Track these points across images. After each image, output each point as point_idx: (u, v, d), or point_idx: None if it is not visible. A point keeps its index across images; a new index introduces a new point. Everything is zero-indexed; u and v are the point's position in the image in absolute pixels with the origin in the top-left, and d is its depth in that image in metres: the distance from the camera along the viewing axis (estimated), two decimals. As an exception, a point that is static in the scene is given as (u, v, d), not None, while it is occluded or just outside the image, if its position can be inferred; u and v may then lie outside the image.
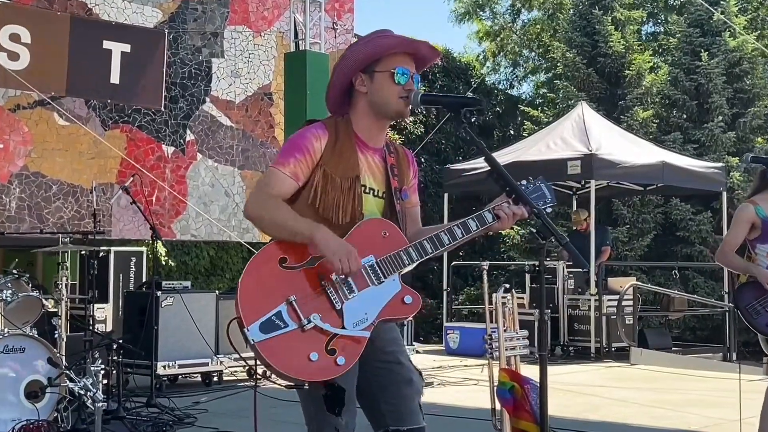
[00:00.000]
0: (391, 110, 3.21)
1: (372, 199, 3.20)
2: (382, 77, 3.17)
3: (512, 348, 4.94)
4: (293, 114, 12.94)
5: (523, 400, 3.89)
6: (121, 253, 10.74)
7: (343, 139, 3.16)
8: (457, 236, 3.15)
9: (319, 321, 2.95)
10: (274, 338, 2.90)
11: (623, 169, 12.81)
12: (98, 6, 13.00)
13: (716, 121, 18.26)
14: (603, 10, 19.80)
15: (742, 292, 5.49)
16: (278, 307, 2.93)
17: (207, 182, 14.47)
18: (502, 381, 4.17)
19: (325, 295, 3.00)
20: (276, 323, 2.92)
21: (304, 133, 3.15)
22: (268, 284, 2.95)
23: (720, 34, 18.99)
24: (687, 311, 14.48)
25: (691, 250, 17.83)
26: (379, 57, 3.17)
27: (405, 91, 3.16)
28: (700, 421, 7.41)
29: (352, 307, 3.01)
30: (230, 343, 3.12)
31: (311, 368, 2.94)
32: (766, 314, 5.37)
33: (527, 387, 3.94)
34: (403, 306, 3.11)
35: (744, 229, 5.45)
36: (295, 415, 7.77)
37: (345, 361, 2.97)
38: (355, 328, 3.00)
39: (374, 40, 3.21)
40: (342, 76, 3.21)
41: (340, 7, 15.85)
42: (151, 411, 7.29)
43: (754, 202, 5.49)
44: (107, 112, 13.14)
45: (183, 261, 16.80)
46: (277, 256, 2.99)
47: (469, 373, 10.24)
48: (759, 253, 5.45)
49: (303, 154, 3.10)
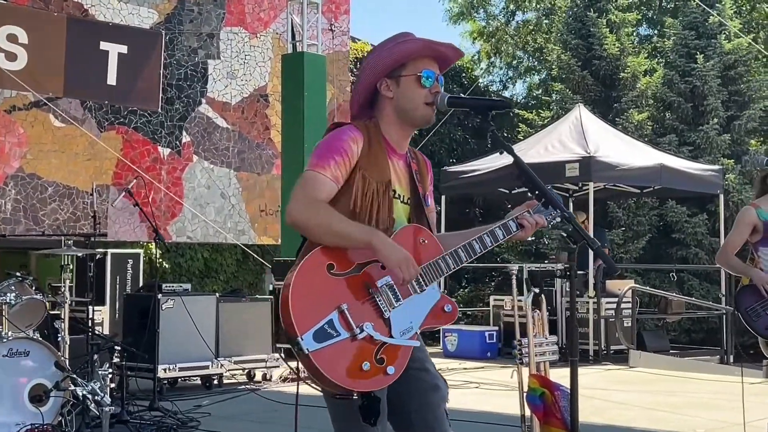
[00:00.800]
0: (417, 116, 3.17)
1: (400, 205, 3.17)
2: (408, 81, 3.13)
3: (542, 354, 4.89)
4: (291, 116, 12.90)
5: (554, 406, 3.86)
6: (118, 255, 10.66)
7: (375, 144, 3.12)
8: (487, 245, 3.14)
9: (372, 330, 2.90)
10: (327, 347, 2.83)
11: (621, 172, 12.82)
12: (94, 7, 12.94)
13: (711, 123, 18.29)
14: (598, 12, 19.81)
15: (742, 295, 5.50)
16: (330, 315, 2.86)
17: (203, 184, 14.42)
18: (532, 387, 4.14)
19: (373, 303, 2.95)
20: (328, 332, 2.84)
21: (341, 135, 3.08)
22: (319, 292, 2.88)
23: (715, 37, 19.03)
24: (685, 314, 14.48)
25: (687, 252, 17.85)
26: (405, 61, 3.14)
27: (431, 94, 3.14)
28: (703, 424, 7.40)
29: (398, 316, 2.98)
30: (278, 351, 3.05)
31: (363, 378, 2.89)
32: (766, 317, 5.37)
33: (557, 393, 3.90)
34: (444, 314, 3.10)
35: (745, 231, 5.48)
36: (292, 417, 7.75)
37: (394, 371, 2.93)
38: (402, 336, 2.97)
39: (400, 44, 3.16)
40: (367, 81, 3.17)
41: (335, 9, 15.82)
42: (154, 415, 7.24)
43: (756, 205, 5.51)
44: (103, 113, 13.08)
45: (177, 263, 16.73)
46: (324, 263, 2.92)
47: (469, 375, 10.22)
48: (762, 256, 5.47)
49: (342, 157, 3.04)
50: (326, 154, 3.05)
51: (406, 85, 3.14)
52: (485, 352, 12.13)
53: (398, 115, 3.17)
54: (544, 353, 4.92)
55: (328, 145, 3.08)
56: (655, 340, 13.36)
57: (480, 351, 12.05)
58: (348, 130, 3.11)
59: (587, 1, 20.22)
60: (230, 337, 9.27)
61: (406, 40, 3.18)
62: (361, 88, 3.20)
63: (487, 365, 11.35)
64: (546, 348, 4.94)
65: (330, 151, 3.06)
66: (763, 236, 5.43)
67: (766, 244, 5.44)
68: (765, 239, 5.44)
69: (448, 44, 3.21)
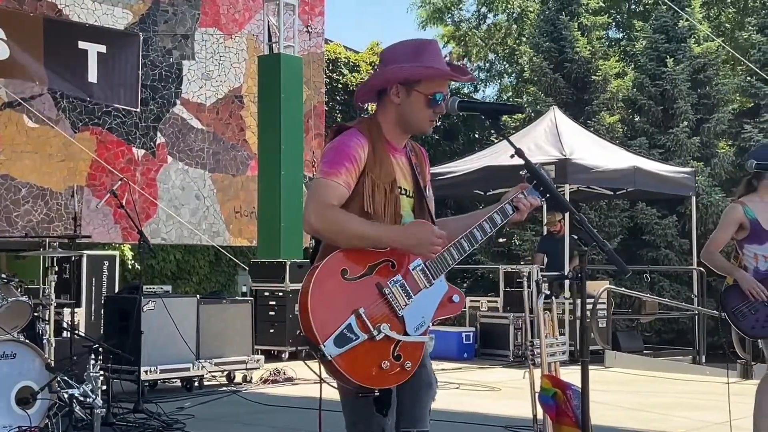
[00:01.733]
0: (416, 128, 3.29)
1: (405, 199, 3.26)
2: (418, 98, 3.20)
3: (552, 354, 4.94)
4: (267, 117, 12.89)
5: (566, 405, 3.90)
6: (94, 257, 10.55)
7: (378, 146, 3.20)
8: (487, 231, 3.25)
9: (389, 330, 3.00)
10: (348, 351, 2.93)
11: (596, 174, 12.95)
12: (68, 7, 12.85)
13: (681, 126, 18.51)
14: (569, 15, 19.97)
15: (728, 295, 5.55)
16: (348, 320, 2.95)
17: (177, 185, 14.36)
18: (544, 387, 4.18)
19: (387, 302, 3.03)
20: (348, 336, 2.94)
21: (348, 142, 3.16)
22: (335, 298, 2.96)
23: (685, 41, 19.25)
24: (658, 314, 14.63)
25: (657, 253, 18.05)
26: (423, 78, 3.20)
27: (435, 114, 3.24)
28: (686, 424, 7.48)
29: (411, 312, 3.06)
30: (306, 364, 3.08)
31: (385, 376, 2.99)
32: (752, 316, 5.43)
33: (569, 393, 3.94)
34: (452, 305, 3.20)
35: (731, 229, 5.54)
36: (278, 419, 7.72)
37: (411, 365, 3.04)
38: (416, 332, 3.06)
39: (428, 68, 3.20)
40: (383, 81, 3.24)
41: (310, 11, 15.81)
42: (138, 417, 7.20)
43: (742, 203, 5.56)
44: (77, 114, 12.98)
45: (149, 264, 16.63)
46: (338, 269, 2.99)
47: (447, 376, 10.24)
48: (746, 254, 5.54)
49: (352, 163, 3.12)
50: (337, 161, 3.13)
51: (416, 100, 3.21)
52: (462, 352, 12.17)
53: (399, 121, 3.26)
54: (555, 353, 4.96)
55: (338, 152, 3.15)
56: (629, 341, 13.50)
57: (457, 352, 12.09)
58: (353, 136, 3.18)
59: (559, 4, 20.39)
60: (211, 339, 9.23)
61: (434, 67, 3.22)
62: (373, 85, 3.28)
63: (465, 366, 11.40)
64: (556, 348, 4.97)
65: (340, 157, 3.13)
66: (749, 234, 5.49)
67: (751, 242, 5.50)
68: (750, 237, 5.50)
69: (469, 75, 3.32)
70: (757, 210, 5.52)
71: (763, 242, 5.48)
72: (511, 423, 7.04)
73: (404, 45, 3.27)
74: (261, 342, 10.91)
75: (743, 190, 5.71)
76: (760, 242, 5.49)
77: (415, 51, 3.23)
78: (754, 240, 5.50)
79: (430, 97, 3.19)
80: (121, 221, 13.17)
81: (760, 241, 5.49)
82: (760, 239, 5.49)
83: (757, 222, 5.49)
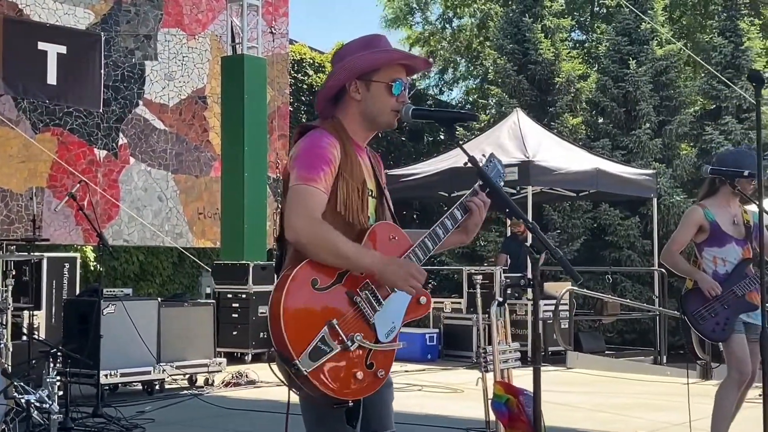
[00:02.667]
0: (382, 121, 3.20)
1: (371, 200, 3.21)
2: (379, 87, 3.15)
3: (505, 361, 4.94)
4: (230, 118, 12.83)
5: (519, 411, 3.92)
6: (54, 260, 10.44)
7: (347, 146, 3.14)
8: (449, 228, 3.22)
9: (361, 339, 2.93)
10: (322, 364, 2.85)
11: (559, 176, 13.03)
12: (29, 7, 12.72)
13: (644, 128, 18.67)
14: (533, 17, 20.07)
15: (688, 298, 5.57)
16: (321, 332, 2.87)
17: (140, 186, 14.26)
18: (497, 394, 4.18)
19: (358, 311, 2.97)
20: (322, 349, 2.85)
21: (320, 143, 3.08)
22: (307, 310, 2.88)
23: (647, 43, 19.41)
24: (620, 315, 14.74)
25: (620, 254, 18.18)
26: (379, 67, 3.16)
27: (399, 103, 3.17)
28: (645, 425, 7.54)
29: (381, 319, 3.01)
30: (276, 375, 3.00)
31: (360, 386, 2.93)
32: (711, 320, 5.46)
33: (522, 398, 3.96)
34: (419, 307, 3.15)
35: (692, 231, 5.57)
36: (240, 423, 7.69)
37: (384, 373, 2.98)
38: (387, 338, 3.01)
39: (379, 54, 3.17)
40: (339, 81, 3.17)
41: (274, 11, 15.76)
42: (97, 421, 7.15)
43: (703, 205, 5.59)
44: (38, 114, 12.86)
45: (112, 266, 16.49)
46: (309, 279, 2.91)
47: (411, 378, 10.26)
48: (705, 257, 5.56)
49: (329, 165, 3.04)
50: (314, 165, 3.04)
51: (377, 90, 3.15)
52: (426, 354, 12.19)
53: (363, 118, 3.19)
54: (507, 360, 4.97)
55: (313, 154, 3.06)
56: (591, 341, 13.59)
57: (421, 353, 12.11)
58: (324, 136, 3.10)
59: (522, 6, 20.48)
60: (172, 342, 9.18)
61: (387, 50, 3.20)
62: (332, 86, 3.19)
63: (428, 367, 11.42)
64: (509, 355, 4.99)
65: (317, 160, 3.04)
66: (709, 236, 5.53)
67: (710, 244, 5.54)
68: (710, 240, 5.53)
69: (423, 58, 3.28)
70: (717, 213, 5.56)
71: (723, 245, 5.53)
72: (472, 425, 7.05)
73: (354, 42, 3.25)
74: (224, 344, 10.87)
75: (705, 192, 5.74)
76: (719, 245, 5.53)
77: (365, 44, 3.21)
78: (713, 243, 5.54)
79: (391, 84, 3.14)
80: (82, 223, 13.05)
81: (719, 243, 5.53)
82: (719, 242, 5.53)
83: (716, 224, 5.53)
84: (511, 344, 5.08)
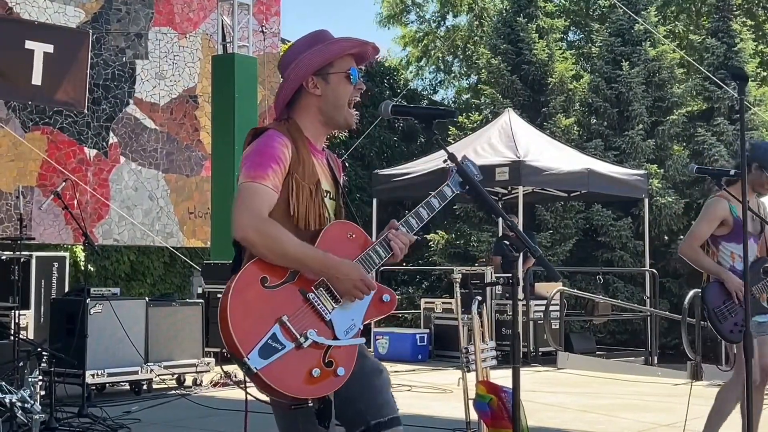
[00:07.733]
0: (342, 116, 3.18)
1: (329, 201, 3.18)
2: (337, 79, 3.15)
3: (484, 360, 4.91)
4: (221, 117, 12.79)
5: (501, 410, 3.88)
6: (43, 259, 10.40)
7: (301, 146, 3.11)
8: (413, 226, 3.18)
9: (316, 336, 2.90)
10: (275, 362, 2.82)
11: (550, 176, 12.99)
12: (19, 5, 12.69)
13: (636, 129, 18.65)
14: (527, 18, 20.05)
15: (709, 294, 5.35)
16: (272, 329, 2.84)
17: (130, 186, 14.22)
18: (480, 394, 4.15)
19: (312, 308, 2.94)
20: (273, 346, 2.83)
21: (271, 142, 3.05)
22: (256, 308, 2.86)
23: (641, 44, 19.40)
24: (611, 315, 14.72)
25: (612, 255, 18.16)
26: (334, 60, 3.15)
27: (357, 90, 3.17)
28: (633, 426, 7.50)
29: (339, 316, 2.98)
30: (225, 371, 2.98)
31: (315, 384, 2.89)
32: (731, 319, 5.27)
33: (504, 396, 3.93)
34: (383, 304, 3.11)
35: (714, 224, 5.34)
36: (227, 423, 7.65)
37: (344, 371, 2.94)
38: (347, 336, 2.98)
39: (332, 44, 3.16)
40: (296, 80, 3.15)
41: (266, 11, 15.74)
42: (82, 421, 7.10)
43: (728, 198, 5.34)
44: (27, 113, 12.83)
45: (102, 266, 16.46)
46: (258, 277, 2.90)
47: (401, 378, 10.22)
48: (723, 251, 5.37)
49: (278, 164, 3.01)
50: (263, 163, 3.01)
51: (336, 82, 3.15)
52: (416, 354, 12.16)
53: (323, 114, 3.18)
54: (485, 359, 4.94)
55: (262, 153, 3.04)
56: (582, 342, 13.56)
57: (411, 353, 12.08)
58: (275, 135, 3.08)
59: (516, 6, 20.47)
60: (160, 342, 9.14)
61: (338, 40, 3.19)
62: (289, 87, 3.17)
63: (418, 368, 11.39)
64: (487, 354, 4.95)
65: (266, 159, 3.02)
66: (731, 232, 5.33)
67: (729, 239, 5.35)
68: (730, 235, 5.34)
69: (371, 43, 3.25)
70: (739, 206, 5.31)
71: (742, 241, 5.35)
72: (458, 426, 7.01)
73: (298, 42, 3.23)
74: (213, 344, 10.81)
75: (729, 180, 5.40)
76: (739, 241, 5.24)
77: (312, 40, 3.20)
78: (733, 238, 5.33)
79: (348, 73, 3.14)
80: (72, 222, 12.98)
81: (739, 240, 5.26)
82: (740, 238, 5.28)
83: (740, 221, 5.29)
84: (488, 343, 5.03)
